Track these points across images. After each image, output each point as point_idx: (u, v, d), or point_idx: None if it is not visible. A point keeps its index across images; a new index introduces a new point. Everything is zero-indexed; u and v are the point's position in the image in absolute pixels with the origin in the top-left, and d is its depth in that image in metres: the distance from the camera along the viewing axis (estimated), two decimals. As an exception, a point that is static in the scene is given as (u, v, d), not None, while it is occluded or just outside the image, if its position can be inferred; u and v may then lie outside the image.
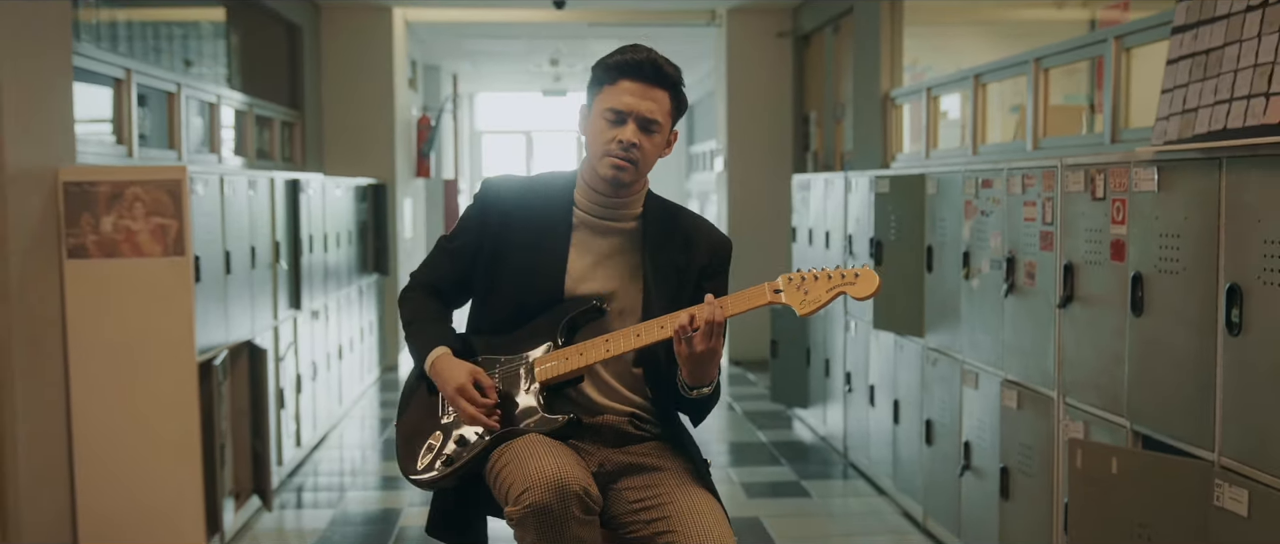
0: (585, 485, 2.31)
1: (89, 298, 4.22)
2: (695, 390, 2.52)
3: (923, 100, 6.39)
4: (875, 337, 5.36)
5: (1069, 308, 3.41)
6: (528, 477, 2.30)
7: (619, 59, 2.53)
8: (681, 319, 2.39)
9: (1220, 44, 3.30)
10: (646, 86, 2.50)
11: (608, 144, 2.50)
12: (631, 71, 2.50)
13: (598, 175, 2.55)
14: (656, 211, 2.63)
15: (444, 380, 2.49)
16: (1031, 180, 3.68)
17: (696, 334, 2.38)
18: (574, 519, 2.27)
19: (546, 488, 2.26)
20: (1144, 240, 2.99)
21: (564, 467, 2.30)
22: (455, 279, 2.66)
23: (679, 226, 2.64)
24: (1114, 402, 3.15)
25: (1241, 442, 2.58)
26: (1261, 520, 2.49)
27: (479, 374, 2.50)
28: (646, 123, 2.50)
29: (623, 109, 2.49)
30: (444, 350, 2.55)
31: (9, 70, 3.84)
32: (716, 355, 2.44)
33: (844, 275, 2.39)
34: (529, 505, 2.26)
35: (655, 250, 2.58)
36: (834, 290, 2.38)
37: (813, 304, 2.38)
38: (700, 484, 2.53)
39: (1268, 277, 2.48)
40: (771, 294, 2.41)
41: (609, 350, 2.48)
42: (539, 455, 2.34)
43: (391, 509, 5.28)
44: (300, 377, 6.03)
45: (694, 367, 2.44)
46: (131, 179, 4.23)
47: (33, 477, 4.01)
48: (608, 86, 2.52)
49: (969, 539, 4.27)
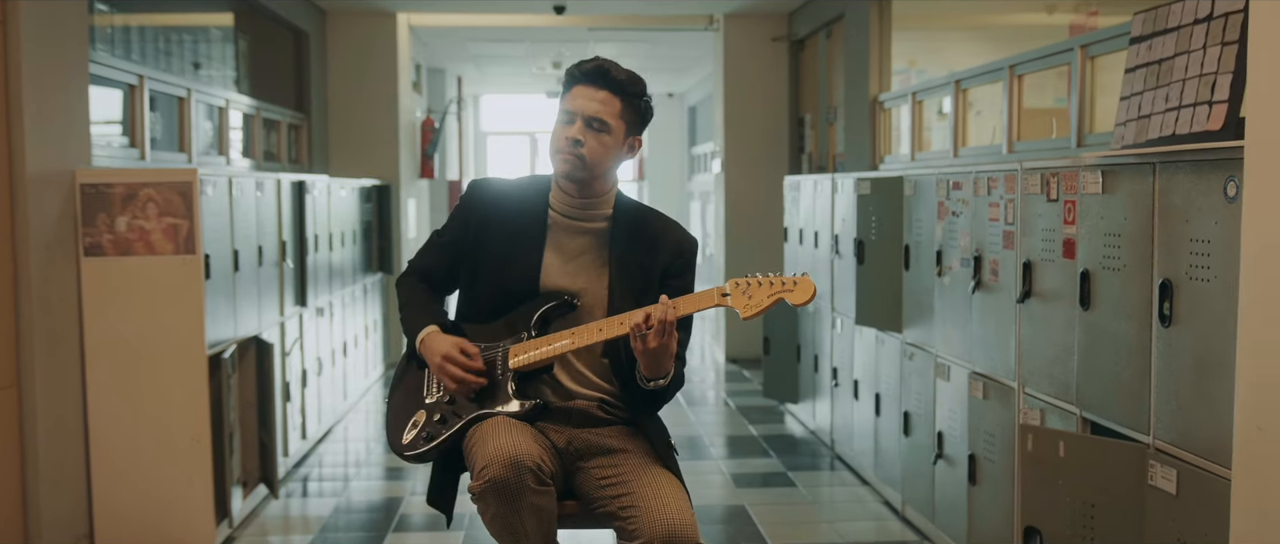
0: (538, 460, 2.53)
1: (104, 294, 4.44)
2: (651, 382, 2.73)
3: (908, 104, 6.59)
4: (859, 333, 5.56)
5: (1027, 303, 3.62)
6: (487, 455, 2.53)
7: (575, 68, 2.79)
8: (638, 317, 2.61)
9: (1171, 54, 3.51)
10: (595, 89, 2.75)
11: (559, 141, 2.75)
12: (583, 78, 2.76)
13: (558, 172, 2.77)
14: (625, 213, 2.86)
15: (431, 352, 2.73)
16: (996, 183, 3.89)
17: (650, 331, 2.60)
18: (529, 489, 2.50)
19: (503, 464, 2.48)
20: (1091, 239, 3.19)
21: (520, 444, 2.53)
22: (444, 269, 2.91)
23: (646, 227, 2.86)
24: (1065, 390, 3.36)
25: (1172, 425, 2.79)
26: (1188, 498, 2.69)
27: (464, 344, 2.73)
28: (591, 120, 2.74)
29: (572, 109, 2.75)
30: (433, 328, 2.80)
31: (30, 77, 4.06)
32: (670, 351, 2.65)
33: (784, 283, 2.63)
34: (488, 480, 2.49)
35: (621, 249, 2.80)
36: (774, 296, 2.62)
37: (755, 308, 2.61)
38: (663, 465, 2.73)
39: (1194, 272, 2.69)
40: (720, 297, 2.65)
41: (573, 343, 2.71)
42: (499, 435, 2.57)
43: (394, 498, 5.50)
44: (306, 372, 6.25)
45: (649, 361, 2.66)
46: (145, 181, 4.45)
47: (52, 465, 4.23)
48: (565, 94, 2.79)
49: (942, 523, 4.48)
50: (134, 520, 4.52)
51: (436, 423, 2.74)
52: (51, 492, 4.22)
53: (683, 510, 2.59)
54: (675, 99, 17.87)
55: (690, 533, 2.55)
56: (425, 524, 5.07)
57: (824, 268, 6.13)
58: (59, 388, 4.30)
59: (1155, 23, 3.64)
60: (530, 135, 18.91)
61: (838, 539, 4.79)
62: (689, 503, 2.65)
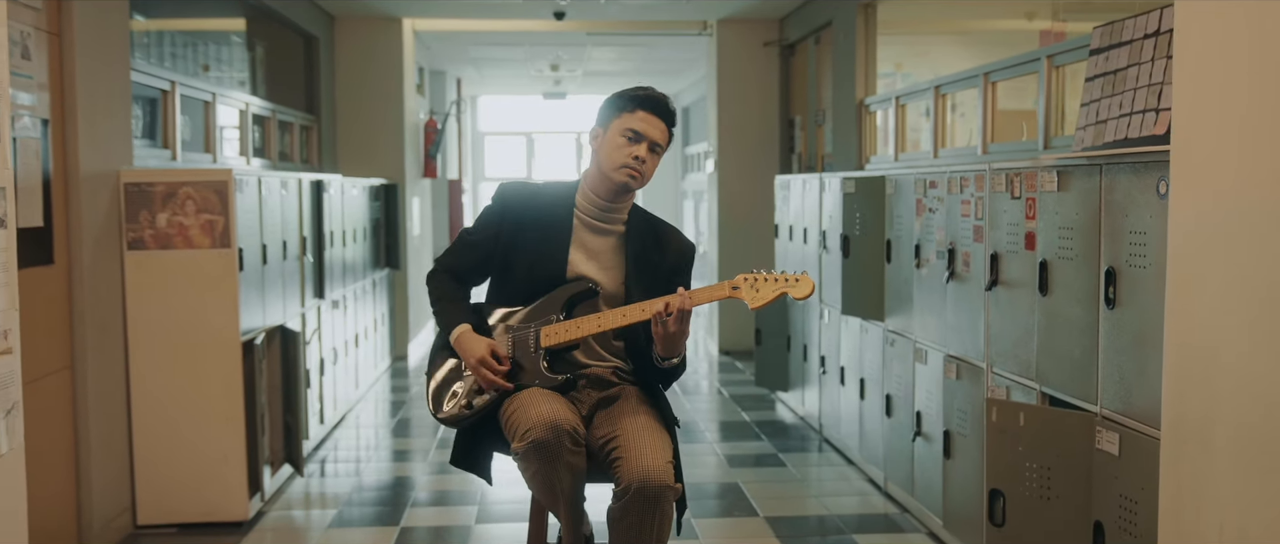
0: (574, 425, 2.93)
1: (146, 285, 4.80)
2: (666, 361, 3.15)
3: (892, 108, 6.97)
4: (845, 322, 5.94)
5: (995, 291, 4.00)
6: (530, 419, 2.92)
7: (639, 94, 3.18)
8: (658, 306, 3.01)
9: (1125, 65, 3.88)
10: (656, 118, 3.17)
11: (625, 158, 3.13)
12: (648, 105, 3.16)
13: (610, 182, 3.17)
14: (639, 220, 3.28)
15: (467, 352, 3.12)
16: (967, 182, 4.27)
17: (670, 318, 2.99)
18: (566, 449, 2.90)
19: (544, 428, 2.87)
20: (1048, 232, 3.57)
21: (558, 411, 2.92)
22: (473, 265, 3.29)
23: (655, 233, 3.29)
24: (1027, 368, 3.74)
25: (1116, 396, 3.17)
26: (1128, 459, 3.07)
27: (496, 347, 3.12)
28: (654, 145, 3.16)
29: (639, 131, 3.14)
30: (466, 327, 3.19)
31: (82, 84, 4.42)
32: (684, 335, 3.07)
33: (788, 279, 3.02)
34: (531, 441, 2.88)
35: (637, 250, 3.21)
36: (778, 290, 3.02)
37: (762, 300, 3.02)
38: (659, 422, 3.11)
39: (1133, 260, 3.07)
40: (730, 290, 3.06)
41: (600, 326, 3.11)
42: (539, 403, 2.96)
43: (405, 478, 5.87)
44: (324, 360, 6.62)
45: (666, 343, 3.07)
46: (184, 180, 4.82)
47: (101, 442, 4.59)
48: (626, 113, 3.16)
49: (920, 496, 4.86)
50: (173, 494, 4.88)
51: (475, 393, 3.13)
52: (100, 466, 4.58)
53: (659, 457, 2.95)
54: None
55: (661, 476, 2.92)
56: (437, 500, 5.44)
57: (812, 262, 6.51)
58: (106, 371, 4.66)
59: (1111, 36, 4.02)
60: (527, 136, 19.26)
61: (824, 513, 5.17)
62: (668, 450, 3.01)
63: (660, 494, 2.92)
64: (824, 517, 5.12)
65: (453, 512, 5.23)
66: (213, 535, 4.84)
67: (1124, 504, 3.10)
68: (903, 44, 8.15)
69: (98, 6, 4.59)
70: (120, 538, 4.77)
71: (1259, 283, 2.26)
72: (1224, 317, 2.39)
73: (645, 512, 2.93)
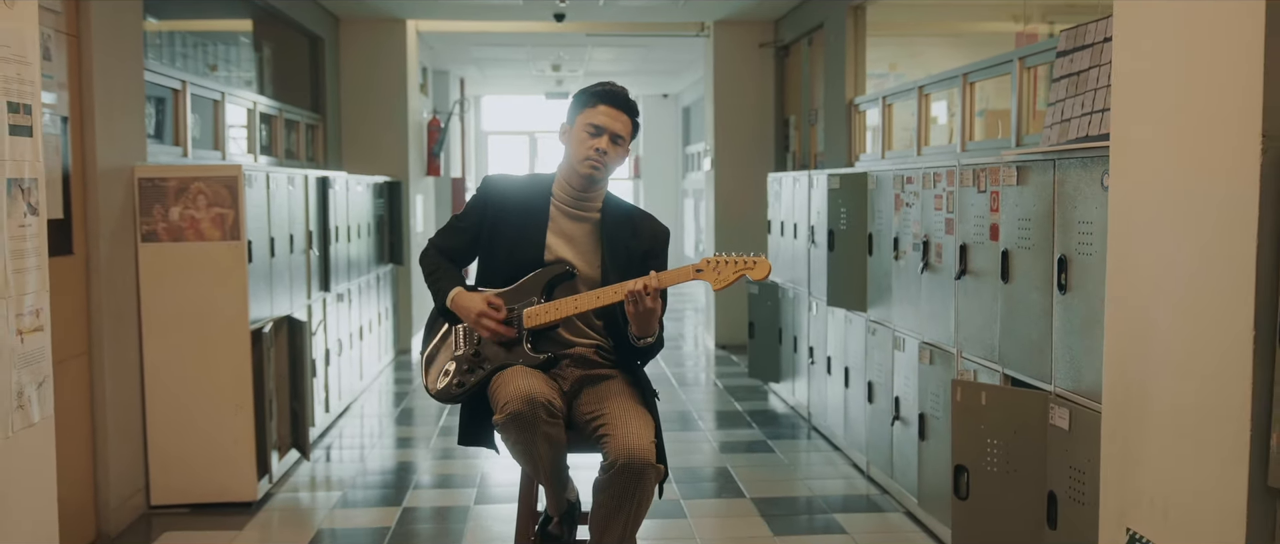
0: (549, 398, 3.15)
1: (159, 275, 5.04)
2: (641, 340, 3.37)
3: (879, 107, 7.19)
4: (831, 314, 6.17)
5: (963, 280, 4.22)
6: (508, 394, 3.15)
7: (600, 89, 3.42)
8: (632, 286, 3.22)
9: (1087, 67, 4.10)
10: (617, 111, 3.41)
11: (588, 151, 3.36)
12: (607, 99, 3.40)
13: (577, 173, 3.39)
14: (613, 207, 3.51)
15: (465, 309, 3.35)
16: (940, 178, 4.49)
17: (647, 297, 3.21)
18: (542, 421, 3.12)
19: (521, 401, 3.10)
20: (1010, 224, 3.80)
21: (535, 386, 3.15)
22: (461, 247, 3.54)
23: (629, 218, 3.52)
24: (991, 351, 3.96)
25: (1067, 375, 3.39)
26: (1078, 432, 3.30)
27: (491, 299, 3.35)
28: (615, 137, 3.38)
29: (600, 125, 3.37)
30: (460, 288, 3.42)
31: (99, 82, 4.65)
32: (656, 313, 3.29)
33: (746, 261, 3.24)
34: (509, 414, 3.11)
35: (611, 235, 3.44)
36: (738, 272, 3.26)
37: (723, 281, 3.25)
38: (640, 402, 3.33)
39: (1082, 248, 3.29)
40: (695, 272, 3.27)
41: (577, 307, 3.34)
42: (517, 379, 3.19)
43: (407, 464, 6.10)
44: (329, 351, 6.85)
45: (639, 321, 3.29)
46: (195, 176, 5.05)
47: (117, 427, 4.82)
48: (588, 109, 3.40)
49: (899, 477, 5.08)
50: (185, 475, 5.12)
51: (465, 372, 3.36)
52: (116, 448, 4.82)
53: (643, 437, 3.18)
54: (670, 99, 18.46)
55: (645, 455, 3.15)
56: (439, 483, 5.67)
57: (802, 256, 6.73)
58: (121, 358, 4.89)
59: (1076, 40, 4.24)
60: (529, 135, 19.50)
61: (809, 494, 5.40)
62: (651, 430, 3.24)
63: (643, 471, 3.15)
64: (809, 498, 5.34)
65: (453, 493, 5.46)
66: (223, 515, 5.08)
67: (1074, 475, 3.32)
68: (896, 45, 8.38)
69: (114, 9, 4.82)
70: (135, 517, 5.00)
71: (1184, 268, 2.48)
72: (1155, 299, 2.61)
73: (629, 485, 3.16)
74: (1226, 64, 2.35)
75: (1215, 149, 2.39)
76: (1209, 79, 2.42)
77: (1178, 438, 2.57)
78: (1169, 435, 2.61)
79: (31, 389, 2.82)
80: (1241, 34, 2.30)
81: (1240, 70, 2.29)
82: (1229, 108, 2.34)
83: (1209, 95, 2.42)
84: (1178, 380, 2.56)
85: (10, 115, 2.74)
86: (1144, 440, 2.70)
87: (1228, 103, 2.34)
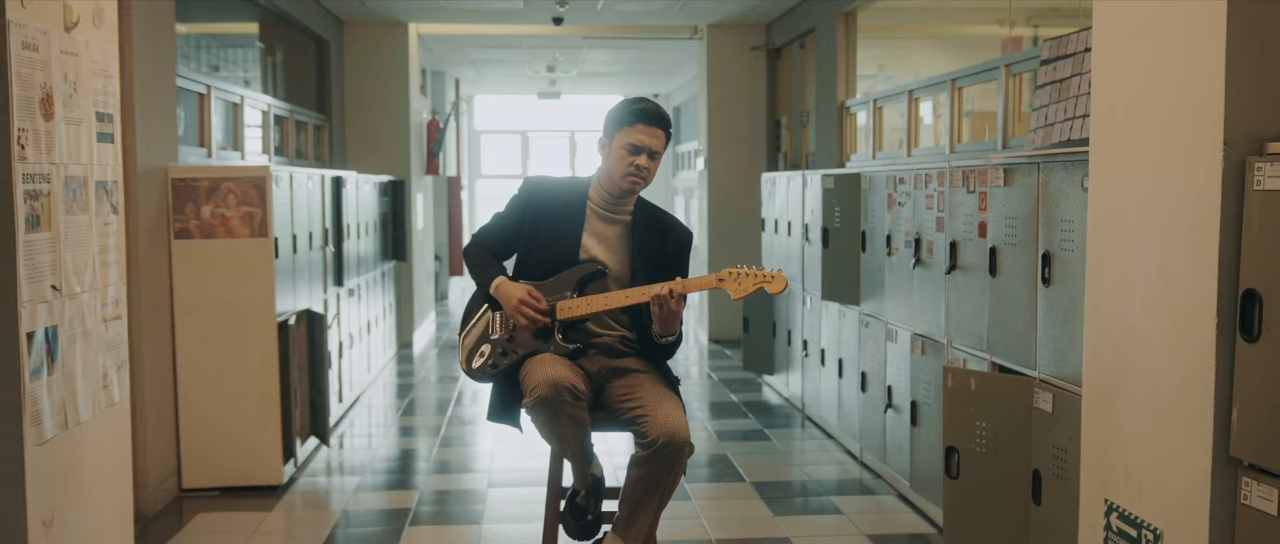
0: (574, 383, 3.43)
1: (191, 271, 5.31)
2: (664, 338, 3.67)
3: (869, 109, 7.50)
4: (825, 308, 6.47)
5: (953, 274, 4.53)
6: (536, 379, 3.44)
7: (639, 108, 3.68)
8: (659, 290, 3.52)
9: (1069, 75, 4.40)
10: (656, 129, 3.68)
11: (629, 168, 3.64)
12: (646, 118, 3.67)
13: (618, 186, 3.68)
14: (643, 211, 3.80)
15: (506, 297, 3.64)
16: (931, 178, 4.79)
17: (671, 300, 3.50)
18: (567, 403, 3.41)
19: (548, 386, 3.39)
20: (997, 222, 4.10)
21: (561, 372, 3.44)
22: (502, 241, 3.83)
23: (657, 222, 3.81)
24: (980, 341, 4.27)
25: (1050, 361, 3.70)
26: (1060, 415, 3.60)
27: (531, 290, 3.64)
28: (654, 153, 3.66)
29: (640, 144, 3.65)
30: (503, 278, 3.71)
31: (139, 87, 4.92)
32: (679, 316, 3.58)
33: (767, 276, 3.55)
34: (537, 397, 3.40)
35: (640, 238, 3.73)
36: (757, 284, 3.56)
37: (743, 292, 3.56)
38: (668, 387, 3.63)
39: (1064, 244, 3.60)
40: (717, 281, 3.57)
41: (607, 304, 3.63)
42: (545, 366, 3.48)
43: (410, 451, 6.39)
44: (341, 344, 7.12)
45: (663, 321, 3.59)
46: (225, 175, 5.32)
47: (153, 413, 5.09)
48: (628, 127, 3.66)
49: (891, 462, 5.39)
50: (215, 460, 5.39)
51: (500, 355, 3.65)
52: (153, 434, 5.09)
53: (680, 418, 3.48)
54: (661, 99, 18.74)
55: (684, 434, 3.44)
56: (456, 468, 5.95)
57: (796, 253, 7.03)
58: (156, 349, 5.16)
59: (1059, 49, 4.53)
60: (522, 134, 19.76)
61: (806, 479, 5.70)
62: (685, 414, 3.54)
63: (682, 448, 3.45)
64: (805, 482, 5.64)
65: (467, 478, 5.75)
66: (251, 498, 5.35)
67: (1056, 454, 3.62)
68: (887, 46, 8.69)
69: (150, 14, 5.09)
70: (168, 500, 5.27)
71: (1156, 263, 2.78)
72: (1130, 292, 2.91)
73: (669, 460, 3.46)
74: (1192, 77, 2.64)
75: (1183, 155, 2.69)
76: (1177, 91, 2.72)
77: (1151, 417, 2.86)
78: (1143, 415, 2.91)
79: (113, 372, 3.10)
80: (1205, 49, 2.60)
81: (1204, 82, 2.59)
82: (1194, 117, 2.64)
83: (1178, 106, 2.72)
84: (1150, 365, 2.86)
85: (97, 124, 3.01)
86: (1120, 420, 3.00)
87: (1193, 112, 2.64)
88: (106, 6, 3.16)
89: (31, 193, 2.71)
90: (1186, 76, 2.68)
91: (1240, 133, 2.55)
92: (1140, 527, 2.90)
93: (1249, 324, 2.50)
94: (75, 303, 2.96)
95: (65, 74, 2.89)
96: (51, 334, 2.79)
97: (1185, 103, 2.69)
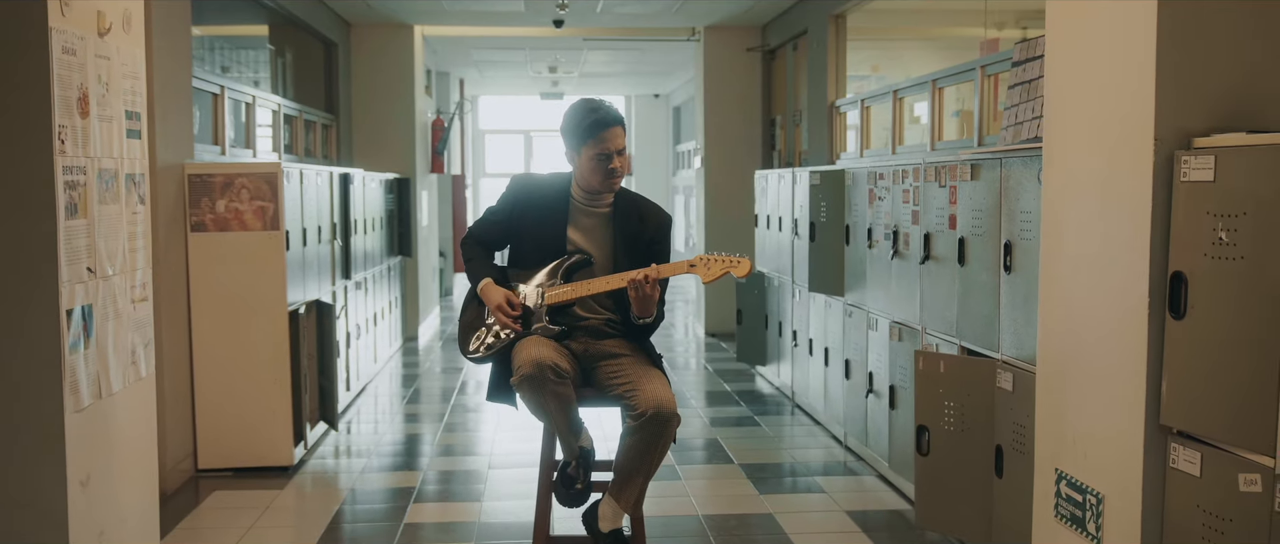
0: (556, 362, 3.70)
1: (206, 262, 5.58)
2: (640, 320, 3.93)
3: (858, 109, 7.77)
4: (813, 299, 6.74)
5: (927, 264, 4.80)
6: (521, 360, 3.72)
7: (591, 120, 3.91)
8: (635, 276, 3.78)
9: (1037, 76, 4.66)
10: (614, 129, 3.93)
11: (603, 173, 3.91)
12: (601, 127, 3.91)
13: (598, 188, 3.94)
14: (623, 200, 4.07)
15: (489, 300, 3.93)
16: (907, 174, 5.06)
17: (646, 285, 3.77)
18: (550, 381, 3.68)
19: (531, 365, 3.66)
20: (965, 215, 4.37)
21: (544, 353, 3.71)
22: (494, 236, 4.11)
23: (637, 208, 4.07)
24: (950, 327, 4.54)
25: (1011, 344, 3.97)
26: (1020, 393, 3.87)
27: (511, 297, 3.90)
28: (621, 150, 3.95)
29: (606, 151, 3.92)
30: (488, 280, 3.98)
31: (159, 87, 5.20)
32: (654, 298, 3.83)
33: (732, 261, 3.81)
34: (522, 376, 3.67)
35: (621, 226, 4.00)
36: (724, 268, 3.82)
37: (712, 276, 3.83)
38: (653, 365, 3.90)
39: (1023, 234, 3.87)
40: (688, 267, 3.84)
41: (590, 290, 3.90)
42: (531, 347, 3.75)
43: (415, 436, 6.66)
44: (349, 334, 7.40)
45: (639, 304, 3.85)
46: (239, 172, 5.59)
47: (171, 397, 5.37)
48: (592, 139, 3.91)
49: (872, 445, 5.66)
50: (229, 442, 5.67)
51: (493, 340, 3.92)
52: (171, 417, 5.36)
53: (666, 392, 3.75)
54: (661, 100, 19.02)
55: (671, 406, 3.72)
56: (455, 452, 6.23)
57: (786, 247, 7.30)
58: (173, 336, 5.44)
59: (1028, 51, 4.80)
60: (525, 133, 20.05)
61: (792, 461, 5.97)
62: (670, 389, 3.81)
63: (670, 418, 3.72)
64: (791, 464, 5.92)
65: (469, 460, 6.03)
66: (264, 478, 5.63)
67: (1016, 430, 3.89)
68: (879, 47, 8.96)
69: (168, 14, 5.36)
70: (185, 479, 5.55)
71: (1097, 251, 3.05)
72: (1076, 277, 3.17)
73: (658, 430, 3.73)
74: (1128, 76, 2.90)
75: (1120, 150, 2.95)
76: (1116, 90, 2.98)
77: (1093, 391, 3.13)
78: (1087, 390, 3.17)
79: (141, 349, 3.39)
80: (1139, 50, 2.85)
81: (1138, 82, 2.85)
82: (1130, 114, 2.90)
83: (1116, 103, 2.98)
84: (1093, 344, 3.12)
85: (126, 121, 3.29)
86: (1069, 396, 3.27)
87: (1130, 110, 2.90)
88: (134, 13, 3.43)
89: (70, 183, 2.98)
90: (1124, 76, 2.94)
91: (1170, 129, 2.81)
92: (1085, 491, 3.16)
93: (1176, 303, 2.76)
94: (108, 284, 3.23)
95: (99, 76, 3.16)
96: (87, 312, 3.07)
97: (1123, 101, 2.95)
